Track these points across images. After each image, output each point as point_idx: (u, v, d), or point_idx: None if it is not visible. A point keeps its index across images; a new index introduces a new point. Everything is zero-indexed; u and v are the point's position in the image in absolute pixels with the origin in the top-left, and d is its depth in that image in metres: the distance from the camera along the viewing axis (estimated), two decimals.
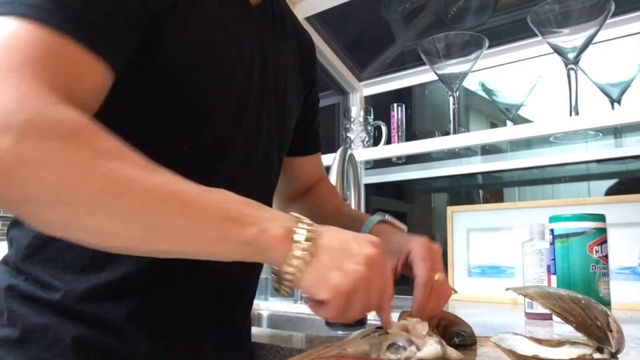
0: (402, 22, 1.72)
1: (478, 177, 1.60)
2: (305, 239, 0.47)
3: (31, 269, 0.59)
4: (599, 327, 0.46)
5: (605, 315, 0.46)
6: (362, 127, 1.52)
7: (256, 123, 0.68)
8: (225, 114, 0.63)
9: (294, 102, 0.80)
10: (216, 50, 0.61)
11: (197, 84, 0.59)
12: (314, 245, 0.48)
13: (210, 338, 0.66)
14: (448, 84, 1.29)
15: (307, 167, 0.91)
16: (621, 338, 0.45)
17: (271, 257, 0.48)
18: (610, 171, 1.35)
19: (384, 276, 0.51)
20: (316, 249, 0.48)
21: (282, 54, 0.75)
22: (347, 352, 0.57)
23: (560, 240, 0.84)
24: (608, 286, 0.82)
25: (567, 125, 1.08)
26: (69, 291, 0.57)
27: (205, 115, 0.61)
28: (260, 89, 0.68)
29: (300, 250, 0.47)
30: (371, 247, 0.50)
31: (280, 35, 0.76)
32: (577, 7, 1.05)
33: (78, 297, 0.57)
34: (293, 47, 0.80)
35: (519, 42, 1.45)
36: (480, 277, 1.36)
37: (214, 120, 0.62)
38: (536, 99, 1.31)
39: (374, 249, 0.50)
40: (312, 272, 0.47)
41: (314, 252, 0.47)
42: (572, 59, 1.08)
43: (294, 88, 0.79)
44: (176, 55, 0.57)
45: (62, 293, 0.57)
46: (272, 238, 0.47)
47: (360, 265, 0.48)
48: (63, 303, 0.57)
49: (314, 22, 1.71)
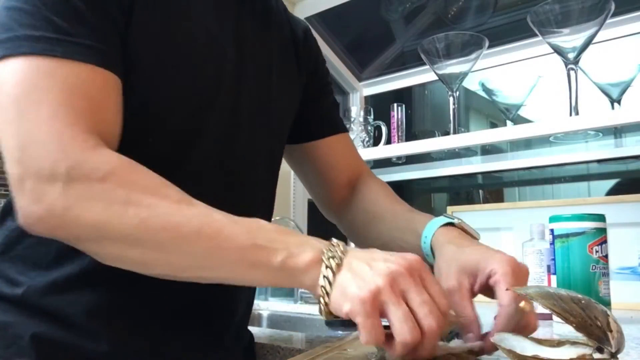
0: (402, 22, 1.72)
1: (478, 177, 1.60)
2: (329, 258, 0.47)
3: (2, 267, 0.60)
4: (599, 327, 0.45)
5: (605, 315, 0.46)
6: (362, 127, 1.52)
7: (230, 116, 0.66)
8: (191, 107, 0.62)
9: (286, 97, 0.77)
10: (180, 40, 0.61)
11: (160, 76, 0.59)
12: (339, 264, 0.47)
13: (177, 335, 0.64)
14: (448, 84, 1.29)
15: (335, 154, 0.84)
16: (621, 338, 0.45)
17: (302, 282, 0.48)
18: (610, 171, 1.35)
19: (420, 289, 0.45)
20: (340, 267, 0.47)
21: (267, 46, 0.74)
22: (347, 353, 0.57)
23: (560, 241, 0.84)
24: (608, 286, 0.82)
25: (567, 125, 1.08)
26: (31, 286, 0.58)
27: (169, 107, 0.61)
28: (235, 82, 0.67)
29: (326, 270, 0.47)
30: (403, 260, 0.46)
31: (264, 26, 0.74)
32: (577, 7, 1.05)
33: (39, 292, 0.58)
34: (283, 40, 0.78)
35: (519, 42, 1.45)
36: None
37: (178, 113, 0.61)
38: (536, 99, 1.31)
39: (406, 261, 0.46)
40: (336, 289, 0.46)
41: (337, 270, 0.46)
42: (572, 59, 1.08)
43: (284, 82, 0.76)
44: (139, 46, 0.57)
45: (24, 288, 0.58)
46: (301, 263, 0.47)
47: (381, 275, 0.44)
48: (24, 299, 0.58)
49: (314, 22, 1.71)
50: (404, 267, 0.45)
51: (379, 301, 0.43)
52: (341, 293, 0.45)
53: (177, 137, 0.62)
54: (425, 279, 0.46)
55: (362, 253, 0.48)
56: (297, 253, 0.48)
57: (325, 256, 0.47)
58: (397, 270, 0.45)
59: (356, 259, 0.47)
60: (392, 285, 0.44)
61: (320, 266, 0.47)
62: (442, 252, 0.62)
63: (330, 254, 0.47)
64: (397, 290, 0.44)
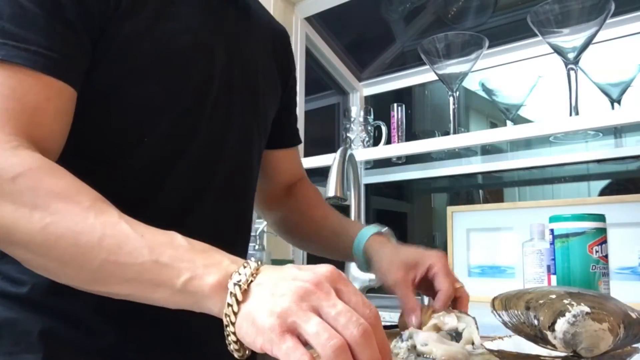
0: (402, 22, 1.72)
1: (478, 177, 1.60)
2: (235, 284, 0.41)
3: (4, 268, 0.60)
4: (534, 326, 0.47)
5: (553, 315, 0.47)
6: (362, 127, 1.52)
7: (222, 117, 0.67)
8: (182, 108, 0.63)
9: (270, 97, 0.79)
10: (166, 42, 0.61)
11: (150, 79, 0.60)
12: (246, 291, 0.41)
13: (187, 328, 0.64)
14: (448, 84, 1.29)
15: (285, 162, 0.89)
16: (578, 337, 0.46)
17: (209, 308, 0.43)
18: (610, 171, 1.35)
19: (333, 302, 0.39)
20: (247, 293, 0.41)
21: (252, 48, 0.74)
22: None
23: (560, 240, 0.84)
24: (608, 286, 0.82)
25: (567, 125, 1.08)
26: (35, 285, 0.58)
27: (159, 109, 0.61)
28: (226, 83, 0.67)
29: (230, 298, 0.41)
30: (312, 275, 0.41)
31: (248, 28, 0.75)
32: (577, 7, 1.05)
33: (44, 290, 0.58)
34: (265, 40, 0.79)
35: (519, 42, 1.45)
36: (481, 277, 1.36)
37: (169, 115, 0.62)
38: (536, 99, 1.31)
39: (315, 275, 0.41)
40: (243, 319, 0.40)
41: (243, 298, 0.41)
42: (572, 59, 1.08)
43: (268, 82, 0.78)
44: (126, 50, 0.58)
45: (29, 287, 0.58)
46: (205, 286, 0.42)
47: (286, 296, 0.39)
48: (30, 297, 0.58)
49: (314, 22, 1.71)
50: (312, 282, 0.40)
51: (288, 324, 0.38)
52: (250, 324, 0.40)
53: (170, 139, 0.62)
54: (340, 289, 0.41)
55: (272, 273, 0.43)
56: (201, 275, 0.42)
57: (231, 282, 0.41)
58: (304, 287, 0.40)
59: (263, 282, 0.41)
60: (299, 304, 0.39)
61: (225, 291, 0.41)
62: (381, 252, 0.72)
63: (237, 278, 0.42)
64: (307, 307, 0.39)
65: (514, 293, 0.54)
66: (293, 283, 0.40)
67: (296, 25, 1.68)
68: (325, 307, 0.39)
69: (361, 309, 0.40)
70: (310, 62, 1.74)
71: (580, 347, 0.46)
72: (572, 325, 0.45)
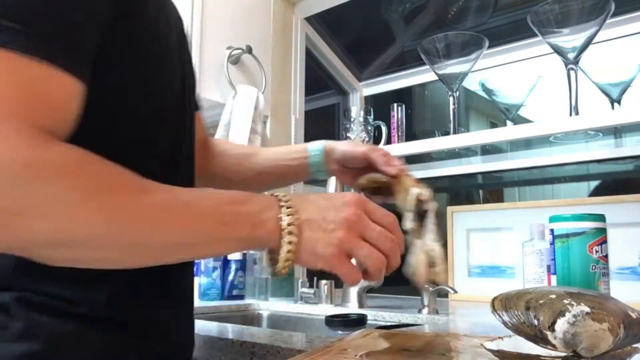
0: (402, 22, 1.72)
1: (478, 177, 1.60)
2: (288, 223, 0.51)
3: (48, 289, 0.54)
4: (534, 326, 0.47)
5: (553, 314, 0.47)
6: (362, 127, 1.52)
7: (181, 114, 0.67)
8: (177, 105, 0.64)
9: None
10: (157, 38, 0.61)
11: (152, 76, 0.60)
12: (298, 226, 0.51)
13: None
14: (448, 84, 1.29)
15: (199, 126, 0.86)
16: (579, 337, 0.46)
17: (267, 246, 0.53)
18: (610, 171, 1.35)
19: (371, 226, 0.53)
20: (300, 229, 0.51)
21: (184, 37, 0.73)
22: None
23: (560, 240, 0.84)
24: (608, 286, 0.82)
25: (567, 125, 1.08)
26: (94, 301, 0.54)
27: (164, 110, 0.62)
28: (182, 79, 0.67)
29: (288, 235, 0.51)
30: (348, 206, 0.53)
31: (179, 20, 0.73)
32: (577, 7, 1.05)
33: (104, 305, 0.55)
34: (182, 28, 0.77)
35: (519, 42, 1.45)
36: (480, 277, 1.36)
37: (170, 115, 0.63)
38: (536, 99, 1.31)
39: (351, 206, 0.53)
40: (303, 250, 0.51)
41: (298, 232, 0.51)
42: (572, 59, 1.08)
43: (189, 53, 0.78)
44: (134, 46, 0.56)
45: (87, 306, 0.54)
46: (265, 232, 0.51)
47: (338, 229, 0.51)
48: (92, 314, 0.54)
49: (314, 22, 1.71)
50: (351, 213, 0.52)
51: (344, 250, 0.51)
52: (310, 254, 0.51)
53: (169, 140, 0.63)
54: (371, 211, 0.54)
55: (310, 205, 0.53)
56: (258, 223, 0.50)
57: (284, 220, 0.51)
58: (346, 219, 0.52)
59: (309, 218, 0.52)
60: (348, 234, 0.51)
61: (280, 232, 0.51)
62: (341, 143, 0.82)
63: (286, 221, 0.51)
64: (355, 234, 0.52)
65: (514, 293, 0.54)
66: (336, 215, 0.52)
67: (296, 25, 1.68)
68: (367, 232, 0.53)
69: (385, 220, 0.55)
70: (310, 62, 1.74)
71: (580, 347, 0.46)
72: (572, 325, 0.45)
